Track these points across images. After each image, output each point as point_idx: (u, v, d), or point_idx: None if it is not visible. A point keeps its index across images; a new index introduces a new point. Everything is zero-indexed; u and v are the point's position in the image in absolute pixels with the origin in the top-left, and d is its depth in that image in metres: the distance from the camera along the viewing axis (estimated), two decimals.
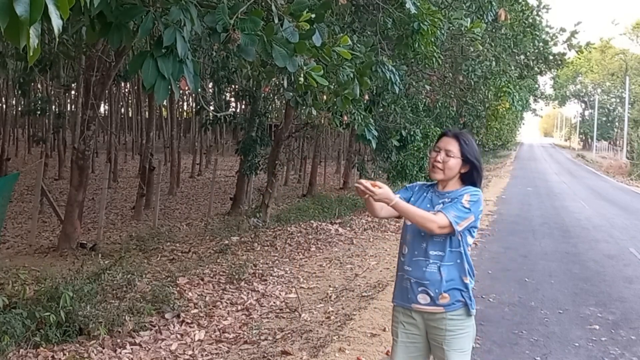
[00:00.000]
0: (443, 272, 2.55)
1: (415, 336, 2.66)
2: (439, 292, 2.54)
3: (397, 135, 11.28)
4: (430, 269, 2.56)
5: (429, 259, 2.57)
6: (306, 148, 22.89)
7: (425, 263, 2.57)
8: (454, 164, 2.62)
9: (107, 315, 4.78)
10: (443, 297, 2.55)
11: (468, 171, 2.65)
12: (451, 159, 2.61)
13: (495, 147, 39.45)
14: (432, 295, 2.55)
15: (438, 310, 2.57)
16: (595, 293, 6.80)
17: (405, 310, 2.66)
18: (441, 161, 2.62)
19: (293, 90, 5.57)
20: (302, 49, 3.45)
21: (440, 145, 2.66)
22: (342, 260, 8.02)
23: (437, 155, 2.64)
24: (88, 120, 9.12)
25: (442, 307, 2.55)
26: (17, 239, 10.06)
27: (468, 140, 2.66)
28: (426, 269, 2.57)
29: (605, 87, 61.22)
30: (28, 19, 1.40)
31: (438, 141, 2.70)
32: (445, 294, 2.55)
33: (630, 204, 18.52)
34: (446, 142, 2.65)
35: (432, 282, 2.55)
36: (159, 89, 2.89)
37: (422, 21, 6.27)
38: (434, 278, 2.55)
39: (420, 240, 2.61)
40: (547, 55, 17.59)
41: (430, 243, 2.58)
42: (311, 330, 4.94)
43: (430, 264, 2.56)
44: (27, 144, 25.86)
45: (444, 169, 2.62)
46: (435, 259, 2.56)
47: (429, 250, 2.58)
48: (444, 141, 2.66)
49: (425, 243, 2.59)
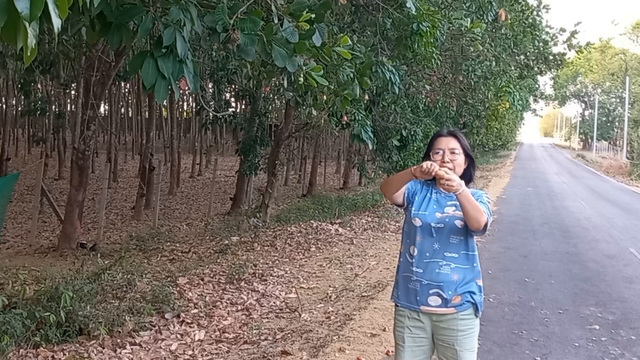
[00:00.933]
0: (457, 274, 2.53)
1: (422, 339, 2.63)
2: (453, 294, 2.52)
3: (398, 135, 11.28)
4: (444, 270, 2.53)
5: (442, 261, 2.54)
6: (306, 148, 22.87)
7: (439, 265, 2.54)
8: (461, 160, 2.62)
9: (107, 315, 4.78)
10: (456, 298, 2.53)
11: (467, 166, 2.66)
12: (457, 156, 2.60)
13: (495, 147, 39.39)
14: (445, 297, 2.52)
15: (449, 312, 2.54)
16: (595, 293, 6.80)
17: (412, 313, 2.61)
18: (449, 160, 2.59)
19: (293, 90, 5.57)
20: (302, 49, 3.45)
21: (440, 146, 2.62)
22: (342, 260, 8.03)
23: (444, 156, 2.60)
24: (88, 120, 9.12)
25: (454, 307, 2.53)
26: (17, 239, 10.06)
27: (462, 135, 2.69)
28: (439, 270, 2.53)
29: (605, 87, 61.19)
30: (29, 15, 1.39)
31: (434, 142, 2.66)
32: (458, 295, 2.53)
33: (630, 204, 18.52)
34: (447, 142, 2.63)
35: (446, 284, 2.52)
36: (159, 88, 2.89)
37: (422, 22, 6.27)
38: (448, 280, 2.52)
39: (431, 241, 2.56)
40: (547, 55, 17.60)
41: (443, 244, 2.55)
42: (311, 330, 4.94)
43: (444, 266, 2.53)
44: (27, 144, 25.85)
45: (454, 168, 2.59)
46: (449, 260, 2.53)
47: (443, 251, 2.54)
48: (443, 141, 2.63)
49: (438, 244, 2.55)
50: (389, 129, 11.50)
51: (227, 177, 21.72)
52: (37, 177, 10.39)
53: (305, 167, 20.99)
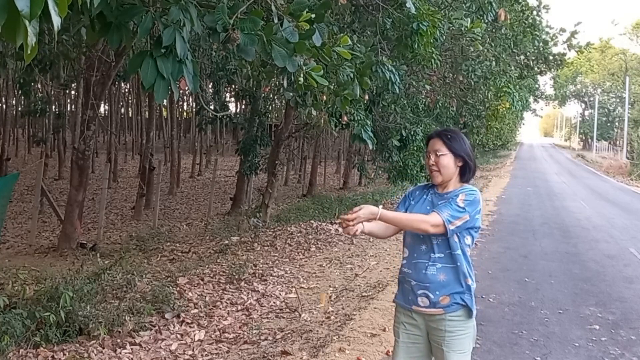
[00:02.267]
0: (444, 275, 2.54)
1: (416, 337, 2.66)
2: (440, 294, 2.53)
3: (398, 135, 11.27)
4: (430, 271, 2.55)
5: (428, 262, 2.56)
6: (306, 148, 22.87)
7: (425, 265, 2.56)
8: (446, 161, 2.61)
9: (107, 315, 4.78)
10: (443, 299, 2.54)
11: (462, 165, 2.64)
12: (441, 157, 2.61)
13: (495, 147, 39.40)
14: (432, 297, 2.54)
15: (437, 312, 2.56)
16: (595, 293, 6.80)
17: (406, 311, 2.66)
18: (434, 163, 2.62)
19: (293, 90, 5.57)
20: (302, 49, 3.45)
21: (429, 149, 2.67)
22: (342, 260, 8.03)
23: (429, 159, 2.65)
24: (88, 120, 9.12)
25: (442, 308, 2.55)
26: (17, 239, 10.06)
27: (452, 134, 2.66)
28: (426, 271, 2.56)
29: (605, 87, 61.18)
30: (29, 13, 1.39)
31: (427, 144, 2.71)
32: (446, 296, 2.54)
33: (630, 204, 18.52)
34: (433, 144, 2.65)
35: (433, 284, 2.54)
36: (159, 88, 2.89)
37: (422, 22, 6.27)
38: (435, 280, 2.54)
39: (419, 242, 2.60)
40: (547, 55, 17.60)
41: (429, 245, 2.57)
42: (311, 330, 4.94)
43: (430, 266, 2.55)
44: (27, 144, 25.85)
45: (439, 170, 2.62)
46: (435, 261, 2.55)
47: (429, 252, 2.57)
48: (430, 144, 2.67)
49: (425, 245, 2.58)
50: (389, 129, 11.50)
51: (227, 177, 21.72)
52: (37, 177, 10.39)
53: (305, 167, 20.99)
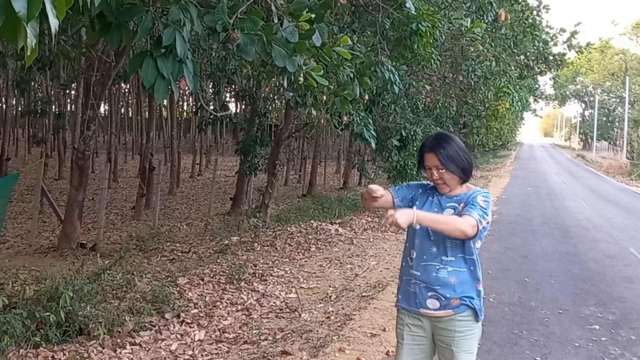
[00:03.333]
0: (455, 277, 2.53)
1: (421, 338, 2.65)
2: (450, 297, 2.52)
3: (398, 135, 11.28)
4: (441, 273, 2.53)
5: (440, 264, 2.54)
6: (306, 148, 22.85)
7: (436, 268, 2.54)
8: (449, 174, 2.58)
9: (107, 315, 4.78)
10: (454, 301, 2.53)
11: (462, 169, 2.62)
12: (444, 172, 2.58)
13: (495, 147, 39.43)
14: (442, 300, 2.53)
15: (447, 314, 2.55)
16: (595, 293, 6.80)
17: (411, 314, 2.64)
18: (439, 177, 2.59)
19: (293, 90, 5.57)
20: (302, 49, 3.45)
21: (428, 164, 2.61)
22: (342, 260, 8.02)
23: (432, 174, 2.61)
24: (88, 120, 9.12)
25: (452, 309, 2.54)
26: (17, 239, 10.06)
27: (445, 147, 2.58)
28: (437, 273, 2.53)
29: (605, 87, 61.18)
30: (26, 15, 1.39)
31: (423, 156, 2.63)
32: (457, 299, 2.53)
33: (630, 204, 18.52)
34: (430, 160, 2.59)
35: (444, 287, 2.53)
36: (159, 88, 2.90)
37: (421, 22, 6.27)
38: (446, 283, 2.52)
39: (429, 244, 2.57)
40: (547, 55, 17.62)
41: (442, 248, 2.55)
42: (311, 330, 4.94)
43: (441, 269, 2.53)
44: (27, 144, 25.84)
45: (445, 183, 2.60)
46: (447, 264, 2.53)
47: (441, 255, 2.54)
48: (428, 159, 2.61)
49: (436, 247, 2.55)
50: (389, 129, 11.50)
51: (227, 177, 21.71)
52: (37, 177, 10.39)
53: (305, 167, 20.98)
